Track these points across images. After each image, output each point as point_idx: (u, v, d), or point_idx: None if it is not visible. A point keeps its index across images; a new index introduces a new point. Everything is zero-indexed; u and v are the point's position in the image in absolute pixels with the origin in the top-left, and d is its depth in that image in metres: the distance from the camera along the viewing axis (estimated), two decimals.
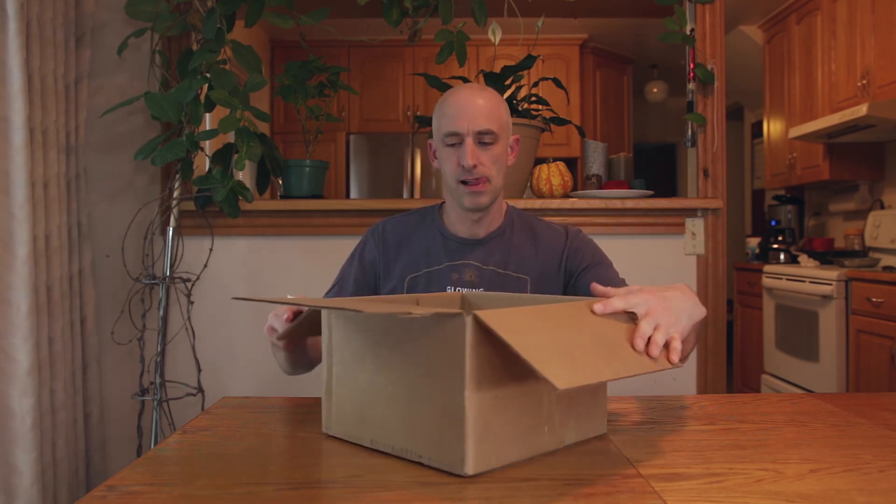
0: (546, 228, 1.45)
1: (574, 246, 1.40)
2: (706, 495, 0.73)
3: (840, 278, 2.99)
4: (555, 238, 1.42)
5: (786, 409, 1.09)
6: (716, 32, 2.29)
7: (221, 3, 1.96)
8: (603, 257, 1.42)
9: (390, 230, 1.45)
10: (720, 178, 2.29)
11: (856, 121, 3.11)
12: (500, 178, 1.33)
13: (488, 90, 1.35)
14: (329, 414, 0.95)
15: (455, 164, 1.31)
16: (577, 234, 1.43)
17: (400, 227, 1.45)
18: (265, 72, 4.51)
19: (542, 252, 1.40)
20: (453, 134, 1.30)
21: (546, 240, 1.41)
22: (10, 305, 1.76)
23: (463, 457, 0.76)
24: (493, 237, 1.40)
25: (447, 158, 1.33)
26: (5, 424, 1.75)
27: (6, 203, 1.76)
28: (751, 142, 5.63)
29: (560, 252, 1.40)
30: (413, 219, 1.46)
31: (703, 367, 2.24)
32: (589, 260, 1.39)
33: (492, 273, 1.37)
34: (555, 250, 1.40)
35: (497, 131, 1.30)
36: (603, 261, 1.41)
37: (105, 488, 0.74)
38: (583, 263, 1.39)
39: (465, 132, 1.29)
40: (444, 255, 1.39)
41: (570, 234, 1.43)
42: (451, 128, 1.30)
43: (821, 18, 3.70)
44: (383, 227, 1.46)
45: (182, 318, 2.14)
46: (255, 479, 0.78)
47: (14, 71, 1.74)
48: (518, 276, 1.38)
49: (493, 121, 1.30)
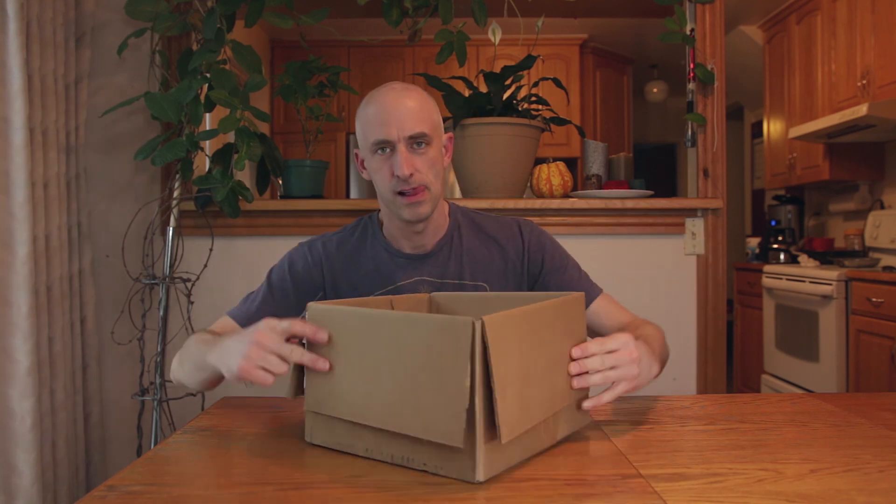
0: (497, 227, 1.35)
1: (532, 248, 1.32)
2: (706, 495, 0.73)
3: (840, 278, 2.99)
4: (509, 238, 1.33)
5: (786, 409, 1.09)
6: (716, 32, 2.29)
7: (221, 3, 1.95)
8: (564, 256, 1.36)
9: (333, 250, 1.32)
10: (720, 178, 2.29)
11: (856, 121, 3.11)
12: (439, 182, 1.23)
13: (414, 89, 1.24)
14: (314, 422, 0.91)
15: (388, 174, 1.19)
16: (532, 231, 1.35)
17: (343, 247, 1.32)
18: (265, 72, 4.51)
19: (498, 255, 1.32)
20: (383, 142, 1.18)
21: (500, 241, 1.33)
22: (10, 305, 1.76)
23: (474, 465, 0.76)
24: (441, 247, 1.30)
25: (378, 169, 1.21)
26: (5, 424, 1.75)
27: (6, 203, 1.76)
28: (751, 142, 5.63)
29: (519, 255, 1.32)
30: (352, 236, 1.34)
31: (703, 367, 2.24)
32: (550, 262, 1.33)
33: (449, 287, 1.29)
34: (512, 253, 1.32)
35: (430, 133, 1.19)
36: (566, 263, 1.35)
37: (105, 488, 0.74)
38: (545, 265, 1.32)
39: (396, 139, 1.17)
40: (395, 274, 1.29)
41: (524, 231, 1.34)
42: (380, 135, 1.18)
43: (821, 18, 3.70)
44: (322, 246, 1.33)
45: (182, 318, 2.14)
46: (255, 479, 0.78)
47: (14, 71, 1.74)
48: (475, 284, 1.30)
49: (424, 122, 1.19)
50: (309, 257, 1.31)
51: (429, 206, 1.22)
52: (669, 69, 5.68)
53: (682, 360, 2.24)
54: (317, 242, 1.34)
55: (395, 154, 1.18)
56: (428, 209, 1.22)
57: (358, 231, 1.35)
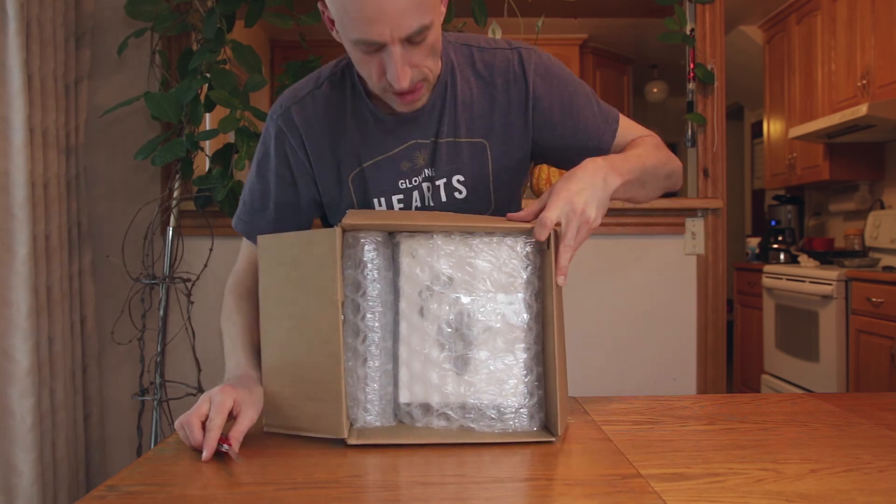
0: (491, 60, 1.08)
1: (539, 92, 1.07)
2: (706, 495, 0.72)
3: (840, 278, 2.99)
4: (507, 73, 1.07)
5: (786, 409, 1.09)
6: (716, 32, 2.29)
7: (221, 3, 1.96)
8: (574, 93, 1.10)
9: (311, 115, 1.07)
10: (720, 178, 2.29)
11: (856, 121, 3.11)
12: (438, 60, 0.98)
13: None
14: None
15: (377, 72, 0.93)
16: (538, 65, 1.08)
17: (319, 110, 1.07)
18: (265, 72, 4.51)
19: (499, 99, 1.08)
20: (369, 43, 0.89)
21: (497, 82, 1.07)
22: (10, 305, 1.76)
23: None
24: (434, 100, 1.05)
25: (363, 63, 0.94)
26: (5, 424, 1.75)
27: (6, 203, 1.76)
28: (751, 142, 5.63)
29: (522, 98, 1.07)
30: (328, 95, 1.07)
31: (703, 367, 2.24)
32: (559, 107, 1.08)
33: (444, 147, 1.07)
34: (514, 95, 1.07)
35: (432, 17, 0.90)
36: (576, 101, 1.09)
37: (105, 488, 0.74)
38: (554, 111, 1.08)
39: (389, 40, 0.88)
40: (385, 141, 1.06)
41: (525, 62, 1.07)
42: (365, 35, 0.87)
43: (821, 18, 3.70)
44: (297, 110, 1.07)
45: (182, 318, 2.14)
46: (255, 479, 0.78)
47: (14, 71, 1.74)
48: (473, 141, 1.08)
49: (424, 8, 0.87)
50: (286, 128, 1.07)
51: (427, 94, 1.00)
52: (669, 69, 5.68)
53: (682, 360, 2.25)
54: (286, 104, 1.08)
55: (386, 55, 0.90)
56: (426, 98, 1.01)
57: (331, 87, 1.07)
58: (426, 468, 0.80)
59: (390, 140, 1.06)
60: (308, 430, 0.88)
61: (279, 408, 0.91)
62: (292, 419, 0.90)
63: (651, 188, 1.08)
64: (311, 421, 0.88)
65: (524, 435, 0.87)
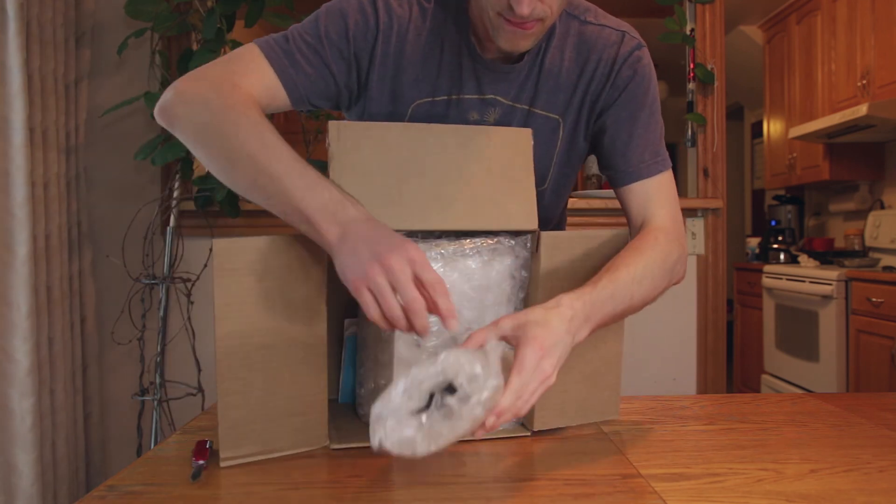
0: (592, 35, 0.99)
1: (618, 81, 0.99)
2: (706, 495, 0.73)
3: (840, 278, 2.99)
4: (603, 51, 0.99)
5: (786, 409, 1.09)
6: (716, 32, 2.29)
7: (221, 3, 1.96)
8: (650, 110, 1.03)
9: (408, 18, 0.95)
10: (720, 178, 2.29)
11: (856, 121, 3.11)
12: (560, 7, 0.89)
13: None
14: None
15: None
16: (636, 57, 1.00)
17: (418, 22, 0.96)
18: None
19: (586, 77, 0.99)
20: None
21: (592, 54, 0.99)
22: (10, 305, 1.76)
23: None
24: (526, 59, 0.97)
25: None
26: (5, 425, 1.75)
27: (6, 203, 1.76)
28: (751, 142, 5.63)
29: (603, 80, 0.99)
30: (433, 12, 0.97)
31: (703, 367, 2.24)
32: (624, 108, 1.00)
33: (518, 114, 1.00)
34: (599, 74, 0.99)
35: None
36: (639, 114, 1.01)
37: (105, 488, 0.74)
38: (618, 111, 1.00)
39: None
40: (469, 85, 0.98)
41: (624, 45, 0.99)
42: None
43: (821, 18, 3.70)
44: (396, 5, 0.95)
45: (182, 318, 2.14)
46: (255, 479, 0.78)
47: (14, 71, 1.74)
48: (547, 115, 1.00)
49: None
50: (370, 6, 0.95)
51: (534, 39, 0.90)
52: (669, 69, 5.67)
53: (682, 360, 2.25)
54: (390, 2, 0.96)
55: None
56: (532, 44, 0.91)
57: (441, 11, 0.97)
58: (426, 468, 0.80)
59: (472, 84, 0.98)
60: (287, 448, 0.84)
61: (245, 435, 0.81)
62: (266, 442, 0.83)
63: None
64: (292, 435, 0.84)
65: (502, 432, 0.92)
